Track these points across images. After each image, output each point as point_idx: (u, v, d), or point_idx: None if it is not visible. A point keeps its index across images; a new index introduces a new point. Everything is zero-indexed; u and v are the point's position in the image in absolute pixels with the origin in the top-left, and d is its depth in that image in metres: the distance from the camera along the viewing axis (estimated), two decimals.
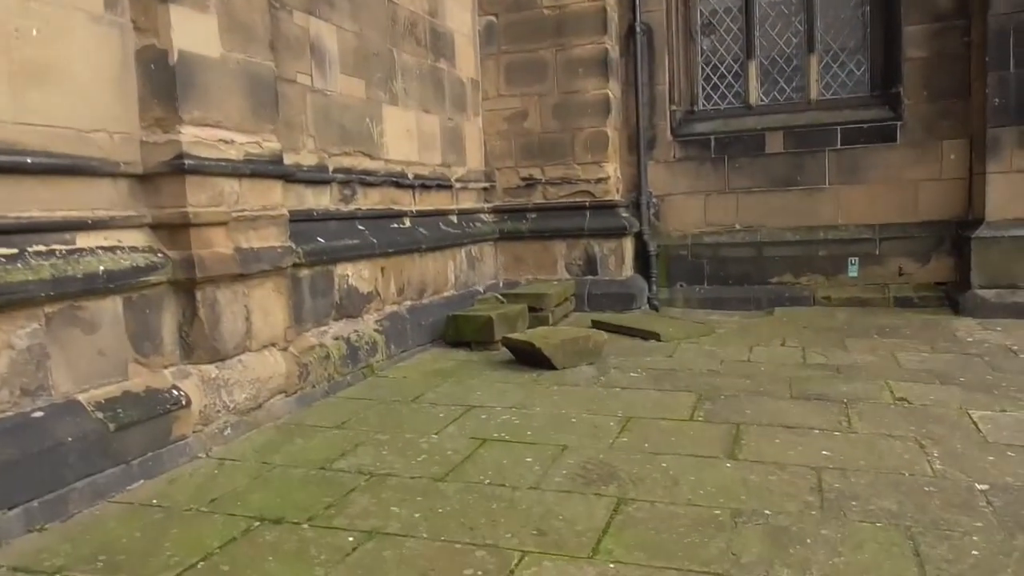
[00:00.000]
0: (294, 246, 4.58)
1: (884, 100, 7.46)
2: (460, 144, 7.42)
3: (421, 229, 6.39)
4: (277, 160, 4.33)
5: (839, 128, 7.48)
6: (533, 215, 7.90)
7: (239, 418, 3.94)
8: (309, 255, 4.76)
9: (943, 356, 5.37)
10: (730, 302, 7.75)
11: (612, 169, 7.72)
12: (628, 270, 7.86)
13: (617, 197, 7.85)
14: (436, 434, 3.90)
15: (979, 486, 3.06)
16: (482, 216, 7.84)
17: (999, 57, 6.47)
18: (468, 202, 7.56)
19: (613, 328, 6.53)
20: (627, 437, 3.77)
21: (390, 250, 5.76)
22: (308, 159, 5.07)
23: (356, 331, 5.25)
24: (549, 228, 7.81)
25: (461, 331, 6.04)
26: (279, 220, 4.33)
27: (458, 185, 7.31)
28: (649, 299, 7.89)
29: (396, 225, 6.08)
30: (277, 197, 4.33)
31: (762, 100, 7.96)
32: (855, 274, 7.48)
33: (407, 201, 6.35)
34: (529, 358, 5.30)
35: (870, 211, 7.44)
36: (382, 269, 5.72)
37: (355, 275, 5.37)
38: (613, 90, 7.73)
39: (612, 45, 7.70)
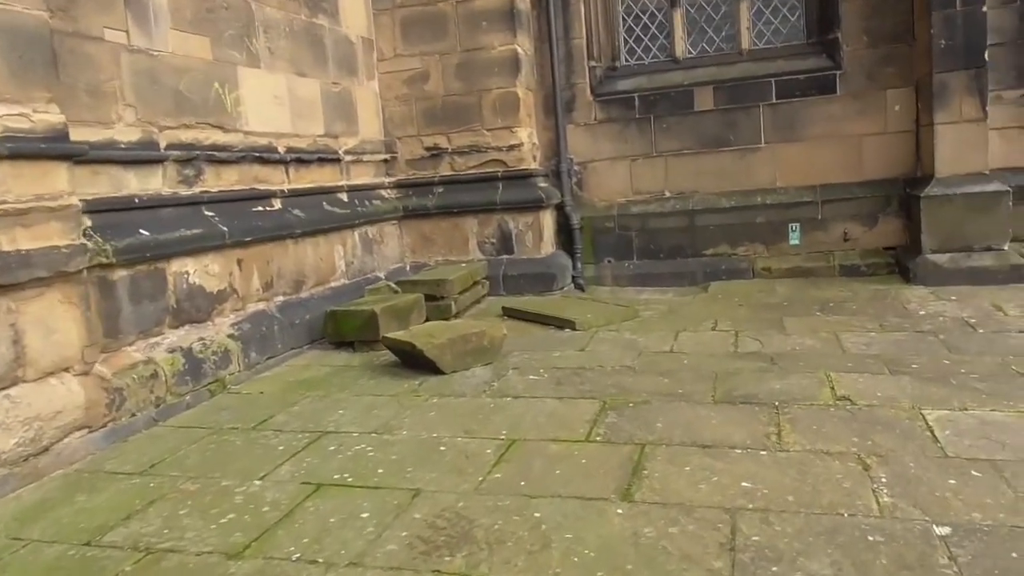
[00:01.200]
0: (100, 242, 3.67)
1: (822, 48, 6.71)
2: (350, 112, 6.50)
3: (296, 211, 5.48)
4: (58, 136, 3.40)
5: (774, 80, 6.72)
6: (440, 189, 7.03)
7: (7, 471, 3.05)
8: (125, 252, 3.86)
9: (893, 335, 4.69)
10: (663, 278, 7.00)
11: (526, 134, 6.87)
12: (549, 247, 7.05)
13: (534, 165, 7.01)
14: (262, 478, 3.06)
15: (938, 529, 2.33)
16: (382, 192, 6.95)
17: None
18: (363, 177, 6.66)
19: (525, 316, 5.74)
20: (502, 471, 2.98)
21: (249, 238, 4.86)
22: (127, 134, 4.14)
23: (202, 339, 4.37)
24: (458, 203, 6.95)
25: (341, 329, 5.19)
26: (65, 212, 3.41)
27: (349, 158, 6.40)
28: (574, 278, 7.10)
29: (261, 208, 5.17)
30: (61, 183, 3.41)
31: (689, 53, 7.16)
32: (797, 241, 6.78)
33: (278, 179, 5.43)
34: (413, 361, 4.48)
35: (810, 171, 6.72)
36: (239, 261, 4.82)
37: (199, 271, 4.47)
38: (523, 45, 6.85)
39: None
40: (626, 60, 7.32)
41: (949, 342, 4.45)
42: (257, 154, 5.18)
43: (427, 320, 5.63)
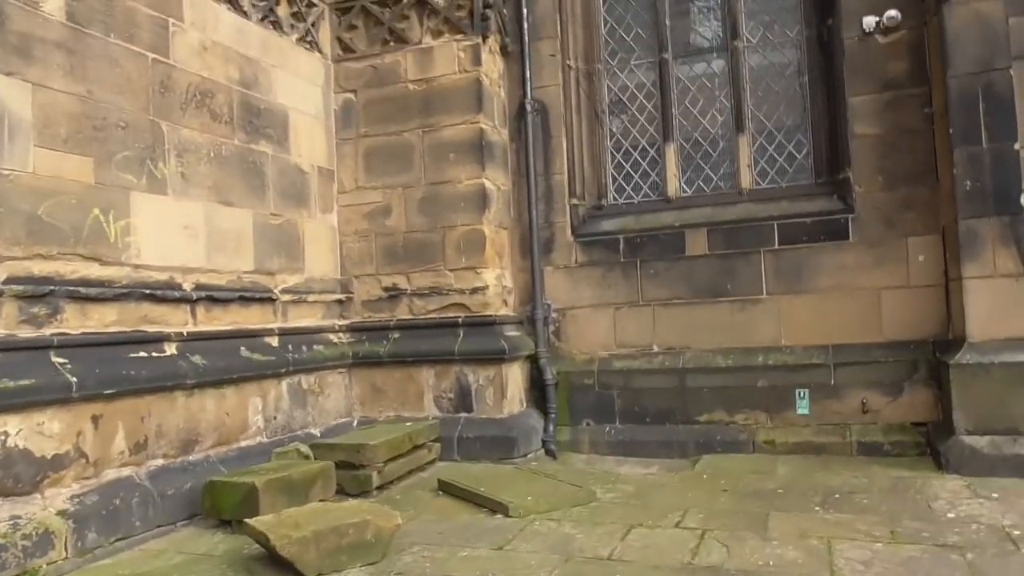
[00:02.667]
0: None
1: (832, 188, 5.87)
2: (294, 247, 5.87)
3: (195, 357, 4.73)
4: None
5: (776, 224, 5.86)
6: (396, 334, 6.24)
7: None
8: None
9: (905, 550, 3.56)
10: (648, 447, 5.94)
11: (492, 276, 6.10)
12: (515, 405, 6.10)
13: (504, 311, 6.20)
14: None
15: None
16: (330, 336, 6.19)
17: (967, 128, 4.89)
18: (307, 319, 5.93)
19: (461, 493, 4.74)
20: None
21: (112, 390, 4.09)
22: None
23: (14, 518, 3.52)
24: (414, 351, 6.12)
25: (219, 505, 4.28)
26: None
27: (287, 298, 5.70)
28: (544, 443, 6.09)
29: (145, 354, 4.43)
30: None
31: (684, 192, 6.40)
32: (805, 411, 5.68)
33: (178, 320, 4.72)
34: (275, 557, 3.52)
35: (821, 328, 5.71)
36: (96, 418, 4.04)
37: (27, 431, 3.69)
38: (495, 179, 6.21)
39: (493, 126, 6.24)
40: (614, 199, 6.60)
41: (979, 567, 3.28)
42: (148, 291, 4.50)
43: (340, 494, 4.71)
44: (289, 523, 3.58)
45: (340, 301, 6.35)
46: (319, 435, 5.75)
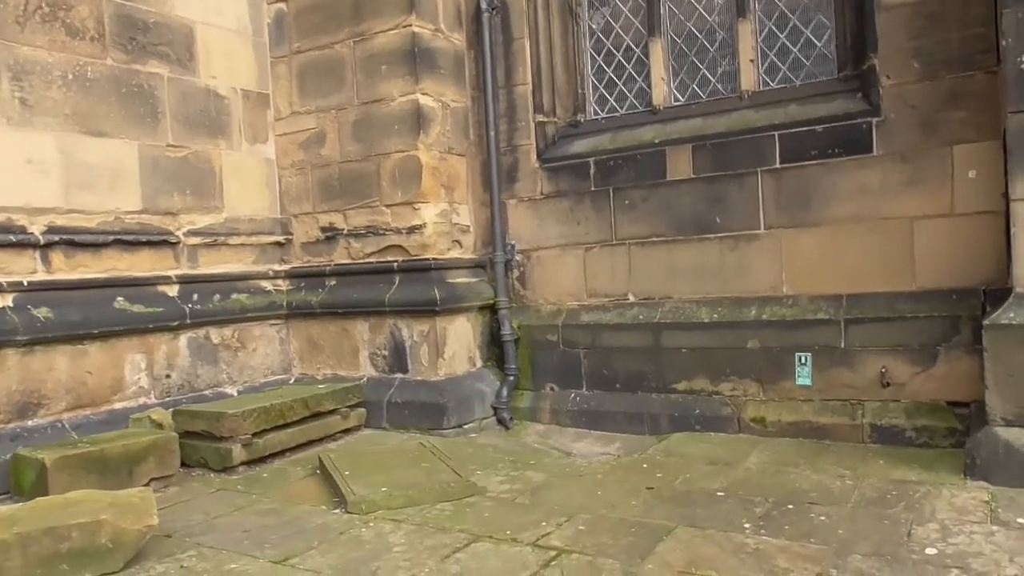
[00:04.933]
0: None
1: (854, 85, 4.34)
2: (207, 182, 5.16)
3: (40, 310, 4.15)
4: None
5: (777, 135, 4.45)
6: (333, 281, 5.43)
7: None
8: None
9: None
10: (615, 419, 4.83)
11: (433, 213, 5.11)
12: (460, 364, 5.15)
13: (452, 253, 5.23)
14: None
15: None
16: (263, 283, 5.49)
17: None
18: (227, 264, 5.26)
19: (329, 477, 3.92)
20: None
21: None
22: None
23: None
24: (346, 301, 5.30)
25: (20, 482, 3.71)
26: None
27: (194, 240, 5.03)
28: (496, 410, 5.12)
29: None
30: None
31: (675, 99, 5.06)
32: (807, 380, 4.34)
33: (20, 267, 4.16)
34: None
35: (832, 272, 4.31)
36: None
37: None
38: (436, 93, 5.16)
39: (436, 29, 5.17)
40: (595, 112, 5.35)
41: None
42: None
43: (204, 468, 4.06)
44: (3, 520, 2.90)
45: (279, 244, 5.62)
46: (236, 395, 5.10)
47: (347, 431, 4.88)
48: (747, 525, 3.11)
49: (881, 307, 4.14)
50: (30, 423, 4.10)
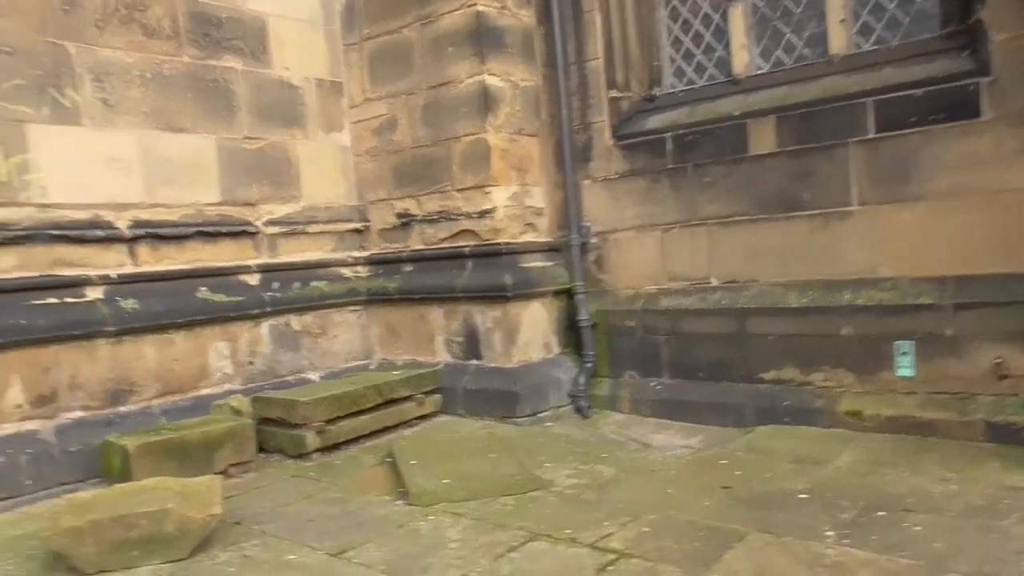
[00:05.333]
0: None
1: (960, 42, 3.91)
2: (285, 172, 5.24)
3: (128, 302, 4.32)
4: None
5: (872, 101, 4.07)
6: (409, 268, 5.43)
7: None
8: None
9: None
10: (697, 410, 4.61)
11: (504, 196, 5.00)
12: (535, 350, 5.04)
13: (525, 236, 5.12)
14: None
15: None
16: (343, 270, 5.54)
17: None
18: (308, 252, 5.34)
19: (396, 466, 3.91)
20: None
21: None
22: None
23: None
24: (421, 287, 5.28)
25: (109, 467, 3.88)
26: None
27: (274, 230, 5.12)
28: (575, 397, 4.98)
29: (55, 300, 4.08)
30: None
31: (758, 67, 4.73)
32: (909, 371, 3.98)
33: (109, 261, 4.34)
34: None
35: (936, 252, 3.93)
36: None
37: None
38: (504, 73, 5.03)
39: (502, 7, 5.02)
40: (672, 85, 5.08)
41: None
42: (60, 232, 4.13)
43: (281, 454, 4.15)
44: (79, 507, 3.02)
45: (358, 231, 5.65)
46: (318, 380, 5.19)
47: (423, 417, 4.87)
48: (829, 533, 2.87)
49: (994, 290, 3.74)
50: (122, 409, 4.29)
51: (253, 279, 4.98)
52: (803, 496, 3.26)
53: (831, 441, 3.96)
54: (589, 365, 5.05)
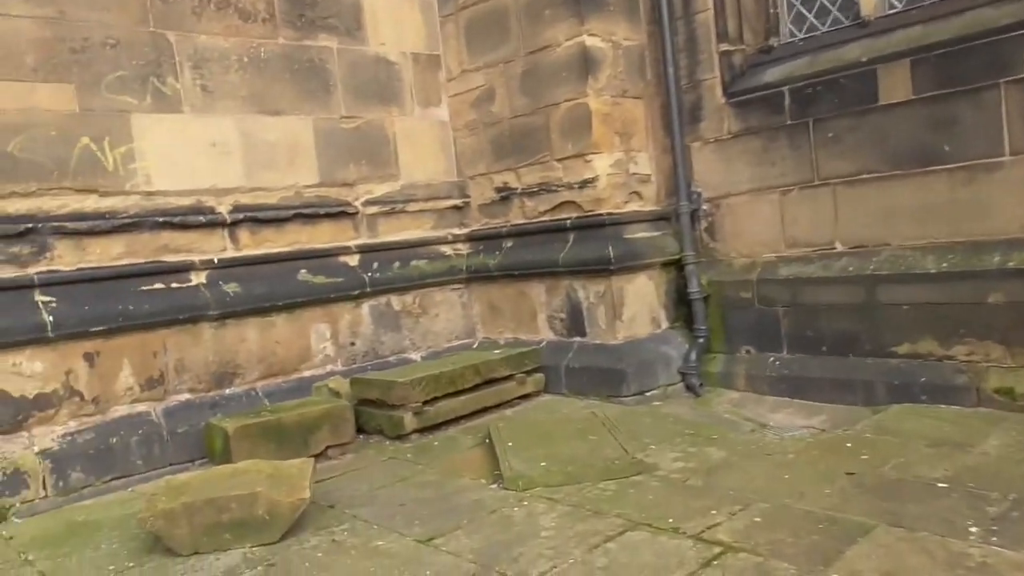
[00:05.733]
0: None
1: None
2: (382, 150, 5.18)
3: (230, 285, 4.39)
4: None
5: None
6: (509, 243, 5.26)
7: None
8: None
9: None
10: (821, 387, 4.22)
11: (607, 163, 4.74)
12: (642, 325, 4.77)
13: (629, 206, 4.84)
14: None
15: None
16: (443, 248, 5.45)
17: None
18: (407, 231, 5.28)
19: (494, 448, 3.77)
20: None
21: (98, 328, 3.91)
22: None
23: None
24: (521, 262, 5.11)
25: (212, 448, 3.94)
26: None
27: (373, 210, 5.09)
28: (685, 375, 4.69)
29: (161, 286, 4.19)
30: None
31: (891, 6, 4.21)
32: None
33: (212, 246, 4.42)
34: None
35: None
36: (89, 356, 3.91)
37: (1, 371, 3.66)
38: (605, 32, 4.74)
39: None
40: (791, 34, 4.63)
41: None
42: (165, 218, 4.23)
43: (380, 435, 4.12)
44: (175, 490, 3.05)
45: (457, 207, 5.53)
46: (419, 360, 5.13)
47: (524, 397, 4.71)
48: (973, 529, 2.49)
49: None
50: (227, 391, 4.36)
51: (352, 260, 4.96)
52: (942, 485, 2.86)
53: (976, 422, 3.50)
54: (701, 340, 4.73)
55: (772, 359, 4.48)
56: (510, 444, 3.65)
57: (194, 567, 2.82)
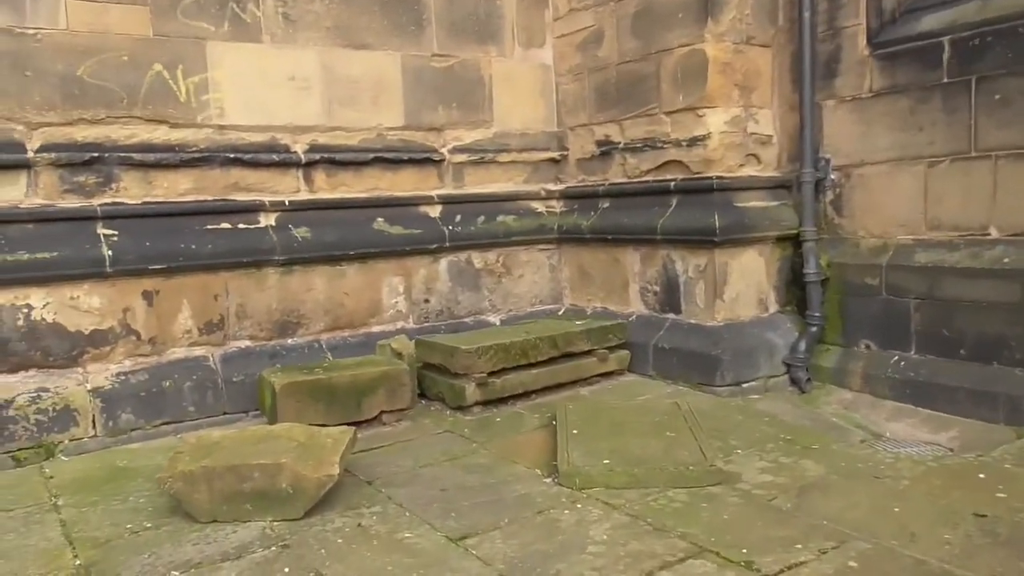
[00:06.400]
0: None
1: None
2: (475, 93, 4.78)
3: (300, 230, 4.15)
4: None
5: None
6: (606, 203, 4.78)
7: None
8: None
9: None
10: (952, 397, 3.56)
11: (721, 120, 4.15)
12: (747, 307, 4.20)
13: (744, 170, 4.26)
14: None
15: None
16: (534, 204, 5.03)
17: None
18: (500, 182, 4.91)
19: (556, 434, 3.38)
20: None
21: (165, 265, 3.76)
22: None
23: (39, 391, 3.48)
24: (615, 226, 4.62)
25: (263, 402, 3.74)
26: None
27: (461, 158, 4.72)
28: (791, 367, 4.11)
29: (228, 225, 4.00)
30: None
31: None
32: None
33: (284, 187, 4.19)
34: None
35: None
36: (147, 294, 3.77)
37: (55, 305, 3.57)
38: None
39: None
40: None
41: None
42: (236, 155, 4.02)
43: (441, 403, 3.83)
44: (201, 449, 2.83)
45: (554, 160, 5.08)
46: (498, 324, 4.78)
47: (606, 375, 4.28)
48: None
49: None
50: (289, 341, 4.16)
51: (434, 211, 4.63)
52: None
53: None
54: (814, 329, 4.12)
55: (896, 358, 3.83)
56: (575, 432, 3.24)
57: (208, 537, 2.60)
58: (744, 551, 2.34)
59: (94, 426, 3.56)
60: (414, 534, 2.56)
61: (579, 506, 2.72)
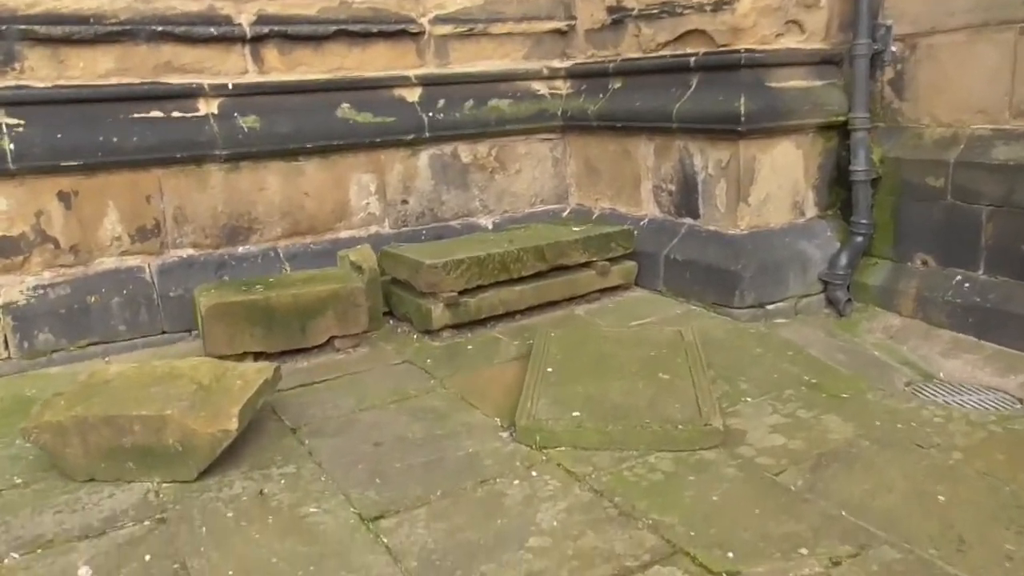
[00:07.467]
0: None
1: None
2: None
3: (247, 119, 3.53)
4: None
5: None
6: (617, 83, 4.01)
7: None
8: None
9: None
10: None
11: None
12: (779, 211, 3.49)
13: (779, 42, 3.42)
14: None
15: None
16: (535, 85, 4.29)
17: None
18: (494, 59, 4.16)
19: (530, 367, 2.81)
20: None
21: (72, 162, 3.20)
22: None
23: None
24: (626, 111, 3.87)
25: (197, 323, 3.23)
26: None
27: (444, 30, 3.97)
28: (829, 284, 3.42)
29: (160, 114, 3.39)
30: None
31: None
32: None
33: (229, 67, 3.53)
34: None
35: None
36: (64, 195, 3.24)
37: None
38: None
39: None
40: None
41: None
42: (164, 28, 3.36)
43: (409, 323, 3.29)
44: (83, 392, 2.34)
45: (560, 32, 4.29)
46: (490, 227, 4.16)
47: (609, 290, 3.66)
48: None
49: None
50: (240, 250, 3.62)
51: (412, 95, 3.93)
52: None
53: None
54: (859, 239, 3.40)
55: (960, 278, 3.11)
56: (549, 370, 2.67)
57: (78, 502, 2.15)
58: (730, 555, 1.78)
59: (6, 347, 3.12)
60: (321, 509, 2.07)
61: (534, 474, 2.18)
